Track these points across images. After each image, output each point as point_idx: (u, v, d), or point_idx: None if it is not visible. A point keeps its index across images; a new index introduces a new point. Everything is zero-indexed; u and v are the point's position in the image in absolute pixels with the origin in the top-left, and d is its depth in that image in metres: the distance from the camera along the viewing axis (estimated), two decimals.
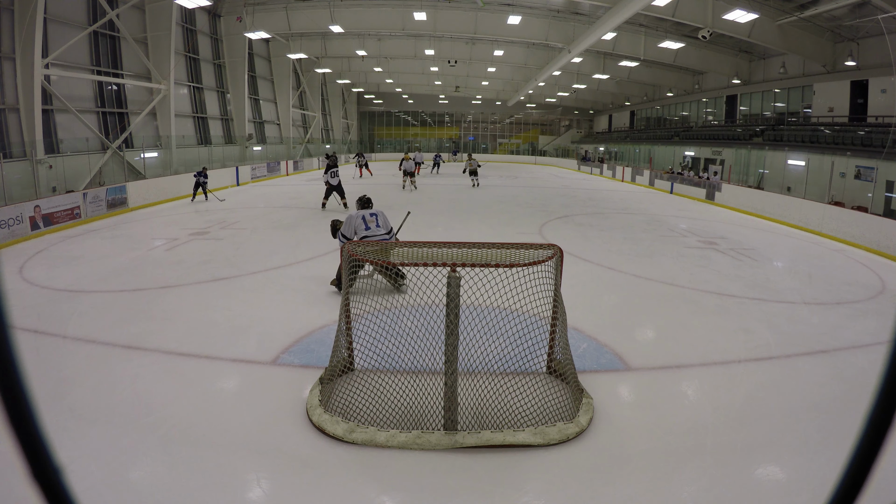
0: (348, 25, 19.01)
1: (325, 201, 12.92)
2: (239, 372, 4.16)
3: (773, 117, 20.89)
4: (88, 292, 6.11)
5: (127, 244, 8.79)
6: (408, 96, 40.37)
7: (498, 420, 3.33)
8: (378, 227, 6.10)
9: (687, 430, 3.41)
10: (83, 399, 3.66)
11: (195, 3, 14.64)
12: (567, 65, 21.85)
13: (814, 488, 2.82)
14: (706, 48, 19.70)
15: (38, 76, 11.75)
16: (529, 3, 18.07)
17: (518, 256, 3.78)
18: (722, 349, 4.79)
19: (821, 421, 3.59)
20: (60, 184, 12.32)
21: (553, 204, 15.10)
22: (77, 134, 13.78)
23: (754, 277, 7.39)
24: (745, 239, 10.46)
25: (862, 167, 13.71)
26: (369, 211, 6.23)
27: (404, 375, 3.56)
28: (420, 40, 23.65)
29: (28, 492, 0.38)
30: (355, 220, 6.06)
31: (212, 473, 2.90)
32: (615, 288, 6.74)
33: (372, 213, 6.20)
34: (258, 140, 24.33)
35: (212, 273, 6.96)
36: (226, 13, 20.59)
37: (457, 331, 3.16)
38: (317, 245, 8.64)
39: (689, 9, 14.69)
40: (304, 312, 5.42)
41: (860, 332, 5.34)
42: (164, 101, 16.76)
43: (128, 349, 4.50)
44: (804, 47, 16.49)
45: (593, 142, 38.36)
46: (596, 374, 4.16)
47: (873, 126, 15.15)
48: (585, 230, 10.85)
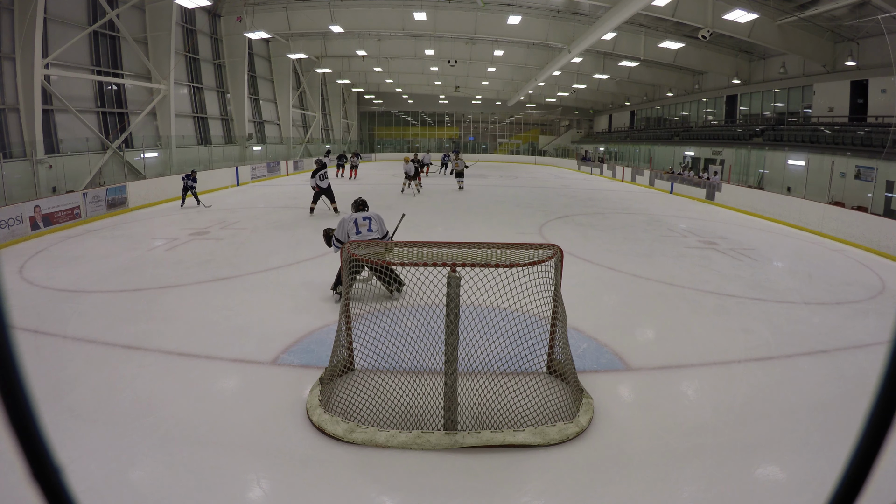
0: (348, 25, 19.01)
1: (313, 206, 12.19)
2: (239, 372, 4.16)
3: (773, 117, 20.89)
4: (88, 292, 6.11)
5: (127, 244, 8.79)
6: (408, 96, 40.36)
7: (498, 420, 3.33)
8: (370, 231, 5.80)
9: (687, 430, 3.41)
10: (83, 399, 3.66)
11: (195, 3, 14.63)
12: (567, 65, 21.84)
13: (814, 488, 2.82)
14: (706, 48, 19.69)
15: (38, 76, 11.74)
16: (529, 3, 18.06)
17: (518, 256, 3.78)
18: (722, 349, 4.79)
19: (821, 421, 3.59)
20: (60, 184, 12.31)
21: (553, 204, 15.10)
22: (77, 134, 13.78)
23: (754, 277, 7.39)
24: (745, 239, 10.46)
25: (862, 167, 13.71)
26: (363, 214, 5.94)
27: (404, 375, 3.56)
28: (420, 40, 23.65)
29: (28, 492, 0.38)
30: (347, 224, 5.79)
31: (212, 473, 2.90)
32: (615, 288, 6.74)
33: (365, 216, 5.89)
34: (258, 140, 24.32)
35: (212, 273, 6.96)
36: (226, 13, 20.59)
37: (457, 331, 3.16)
38: (317, 245, 8.62)
39: (689, 9, 14.69)
40: (304, 312, 5.42)
41: (860, 332, 5.34)
42: (164, 101, 16.76)
43: (128, 349, 4.50)
44: (804, 47, 16.49)
45: (593, 142, 38.35)
46: (596, 374, 4.16)
47: (873, 126, 15.15)
48: (585, 230, 10.85)
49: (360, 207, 6.14)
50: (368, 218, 5.88)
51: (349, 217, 5.85)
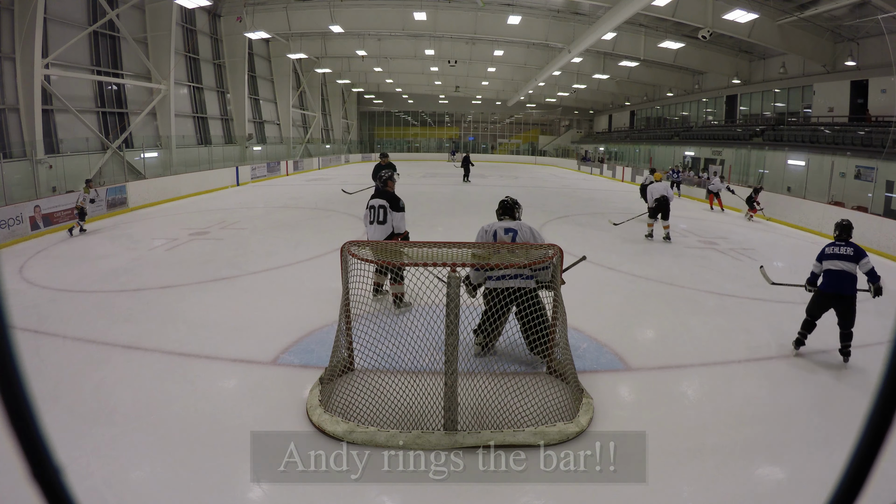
0: (348, 25, 19.01)
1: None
2: (239, 372, 4.16)
3: (773, 117, 20.89)
4: (88, 292, 6.11)
5: (127, 244, 8.78)
6: (408, 96, 40.35)
7: (498, 420, 3.33)
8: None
9: (687, 430, 3.41)
10: (83, 399, 3.65)
11: (195, 3, 14.64)
12: (567, 65, 21.84)
13: (814, 488, 2.82)
14: (706, 48, 19.69)
15: (38, 76, 11.74)
16: (529, 3, 18.06)
17: (518, 256, 3.78)
18: (722, 349, 4.78)
19: (821, 421, 3.59)
20: (60, 184, 12.31)
21: (553, 204, 15.09)
22: (77, 134, 13.77)
23: (754, 277, 7.38)
24: (745, 239, 10.45)
25: (862, 167, 13.71)
26: (506, 224, 4.38)
27: (404, 375, 3.56)
28: (420, 40, 23.64)
29: (28, 492, 0.38)
30: (485, 238, 4.38)
31: (212, 473, 2.90)
32: (615, 288, 6.73)
33: (509, 227, 4.32)
34: (258, 140, 24.32)
35: (212, 273, 6.95)
36: (226, 13, 20.58)
37: (457, 331, 3.16)
38: (317, 245, 8.64)
39: (689, 9, 14.69)
40: (304, 312, 5.42)
41: (860, 332, 5.32)
42: (164, 101, 16.75)
43: (128, 349, 4.50)
44: (804, 47, 16.48)
45: (593, 142, 38.35)
46: (596, 374, 4.15)
47: (873, 126, 15.15)
48: (585, 230, 10.85)
49: (507, 212, 4.50)
50: (512, 230, 4.30)
51: (489, 227, 4.41)
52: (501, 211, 4.52)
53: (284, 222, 11.07)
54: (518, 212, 4.52)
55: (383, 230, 5.61)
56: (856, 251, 4.33)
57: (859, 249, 4.36)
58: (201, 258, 7.77)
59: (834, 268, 4.34)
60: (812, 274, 4.61)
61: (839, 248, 4.41)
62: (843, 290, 4.31)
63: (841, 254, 4.36)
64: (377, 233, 5.64)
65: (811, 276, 4.62)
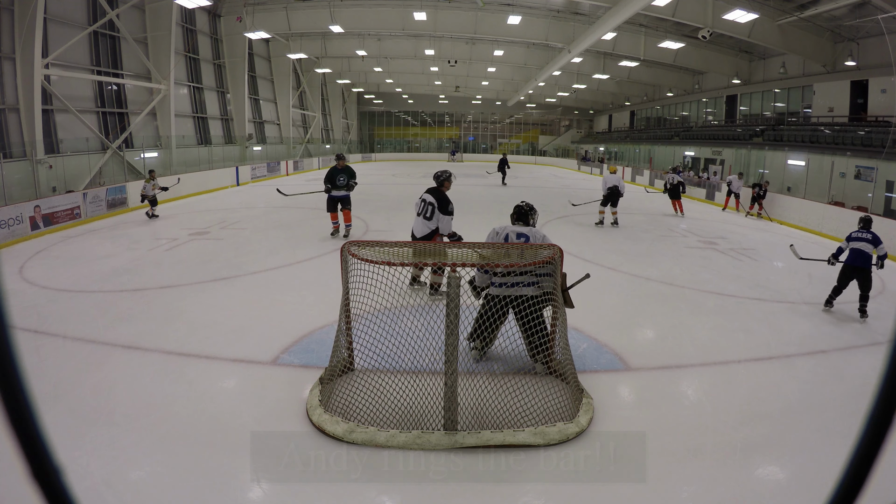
0: (348, 25, 19.01)
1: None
2: (239, 372, 4.16)
3: (773, 117, 20.89)
4: (88, 292, 6.11)
5: (127, 244, 8.78)
6: (408, 96, 40.35)
7: (498, 420, 3.33)
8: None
9: (687, 430, 3.41)
10: (83, 399, 3.65)
11: (195, 3, 14.63)
12: (567, 65, 21.84)
13: (814, 488, 2.82)
14: (706, 48, 19.69)
15: (38, 76, 11.74)
16: (529, 3, 18.06)
17: (518, 256, 3.78)
18: (722, 349, 4.79)
19: (821, 421, 3.59)
20: (60, 184, 12.31)
21: (553, 204, 15.09)
22: (77, 134, 13.77)
23: (754, 277, 7.39)
24: (745, 239, 10.45)
25: (862, 167, 13.71)
26: (518, 229, 4.32)
27: (404, 375, 3.56)
28: (420, 40, 23.64)
29: (28, 492, 0.38)
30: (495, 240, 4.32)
31: (212, 473, 2.90)
32: (615, 288, 6.73)
33: (521, 232, 4.27)
34: (258, 140, 24.31)
35: (212, 273, 6.95)
36: (226, 13, 20.58)
37: (457, 331, 3.16)
38: (317, 245, 8.64)
39: (689, 9, 14.69)
40: (304, 312, 5.42)
41: (860, 333, 5.35)
42: (164, 101, 16.75)
43: (128, 349, 4.50)
44: (804, 47, 16.48)
45: (593, 142, 38.34)
46: (596, 374, 4.15)
47: (873, 126, 15.15)
48: (585, 230, 10.85)
49: (521, 217, 4.41)
50: (525, 236, 4.26)
51: (501, 229, 4.34)
52: (516, 216, 4.42)
53: (284, 222, 11.07)
54: (533, 218, 4.44)
55: (427, 226, 5.83)
56: (874, 237, 5.70)
57: (877, 237, 5.72)
58: (201, 258, 7.77)
59: (856, 247, 5.69)
60: (838, 249, 5.98)
61: (862, 233, 5.77)
62: (862, 263, 5.63)
63: (863, 237, 5.71)
64: (421, 226, 5.85)
65: (837, 251, 6.01)
